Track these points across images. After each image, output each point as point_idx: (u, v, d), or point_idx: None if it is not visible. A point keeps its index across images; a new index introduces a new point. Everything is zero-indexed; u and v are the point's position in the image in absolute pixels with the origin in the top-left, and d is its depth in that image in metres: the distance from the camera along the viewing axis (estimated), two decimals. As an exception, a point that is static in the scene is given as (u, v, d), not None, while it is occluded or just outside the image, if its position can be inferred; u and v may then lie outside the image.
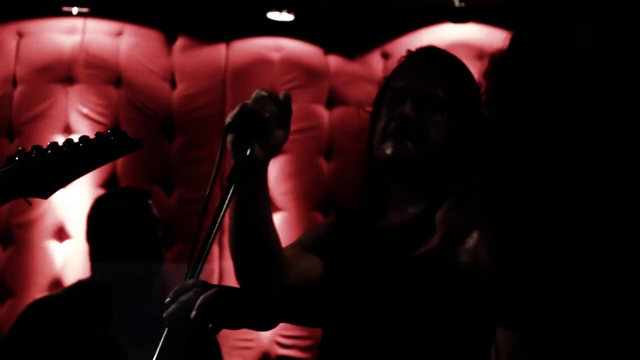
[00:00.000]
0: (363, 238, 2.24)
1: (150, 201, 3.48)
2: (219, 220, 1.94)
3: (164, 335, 1.75)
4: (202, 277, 1.89)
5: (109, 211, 3.44)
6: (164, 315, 1.76)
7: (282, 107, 2.05)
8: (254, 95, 2.05)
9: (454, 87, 2.25)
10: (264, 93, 2.04)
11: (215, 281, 4.60)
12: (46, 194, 1.85)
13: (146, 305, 3.22)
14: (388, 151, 2.19)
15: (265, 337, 4.65)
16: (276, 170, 4.76)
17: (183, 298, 1.77)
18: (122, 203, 3.48)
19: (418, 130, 2.18)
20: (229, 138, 2.01)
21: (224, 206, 1.95)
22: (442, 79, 2.25)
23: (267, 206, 2.12)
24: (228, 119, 2.00)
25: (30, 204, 1.85)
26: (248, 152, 2.00)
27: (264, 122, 2.00)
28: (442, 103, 2.21)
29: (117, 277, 3.27)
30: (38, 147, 1.79)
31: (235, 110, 2.01)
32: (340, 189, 4.68)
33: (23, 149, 1.82)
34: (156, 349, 1.76)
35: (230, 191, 1.97)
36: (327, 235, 2.31)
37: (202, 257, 1.89)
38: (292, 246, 2.27)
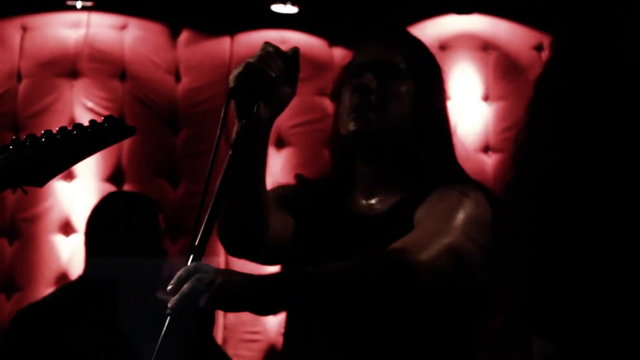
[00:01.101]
0: (332, 218, 2.18)
1: (157, 211, 3.45)
2: (225, 189, 1.86)
3: (166, 326, 1.71)
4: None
5: (114, 213, 3.40)
6: (168, 306, 1.72)
7: (289, 63, 1.96)
8: (259, 51, 1.96)
9: (416, 59, 2.17)
10: (270, 49, 1.96)
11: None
12: (42, 182, 1.81)
13: (151, 302, 3.22)
14: (352, 126, 2.12)
15: (272, 330, 4.65)
16: (281, 162, 4.76)
17: (185, 288, 1.73)
18: (128, 208, 3.45)
19: (380, 100, 2.11)
20: (234, 101, 1.91)
21: (229, 171, 1.86)
22: (402, 51, 2.17)
23: (264, 166, 2.03)
24: (232, 80, 1.90)
25: (26, 192, 1.82)
26: (255, 111, 1.90)
27: (270, 81, 1.91)
28: (403, 73, 2.14)
29: (114, 274, 3.24)
30: (32, 136, 1.77)
31: (239, 69, 1.91)
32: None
33: (17, 138, 1.80)
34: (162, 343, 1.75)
35: (236, 158, 1.88)
36: (295, 199, 2.23)
37: (207, 232, 1.83)
38: None
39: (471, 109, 4.89)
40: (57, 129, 1.79)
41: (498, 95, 4.88)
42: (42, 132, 1.79)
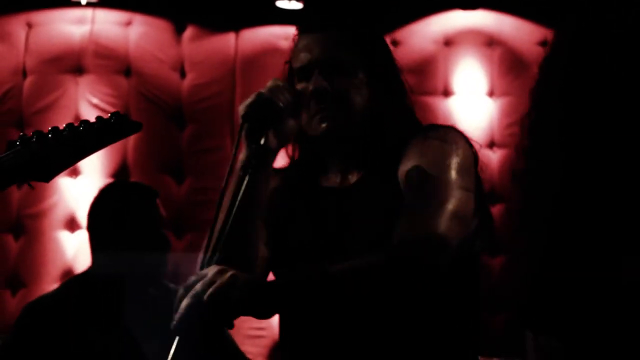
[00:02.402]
0: (302, 196, 2.20)
1: (157, 200, 3.44)
2: (234, 210, 1.93)
3: (175, 344, 1.75)
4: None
5: (115, 204, 3.40)
6: (175, 315, 1.76)
7: (296, 97, 2.06)
8: (269, 84, 2.06)
9: (359, 45, 2.18)
10: (279, 83, 2.06)
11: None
12: (48, 177, 1.86)
13: (153, 296, 3.21)
14: (316, 130, 2.14)
15: (277, 326, 4.65)
16: (284, 159, 4.76)
17: (182, 306, 1.77)
18: (129, 198, 3.44)
19: (338, 98, 2.13)
20: (245, 127, 2.01)
21: (239, 195, 1.96)
22: (344, 41, 2.18)
23: (265, 194, 2.11)
24: (243, 109, 2.01)
25: (32, 187, 1.87)
26: (262, 141, 2.01)
27: (279, 111, 2.01)
28: (351, 66, 2.15)
29: (119, 268, 3.24)
30: (39, 132, 1.81)
31: (250, 99, 2.02)
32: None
33: (24, 134, 1.84)
34: (165, 339, 1.76)
35: (245, 180, 1.98)
36: (269, 199, 2.24)
37: (217, 246, 1.88)
38: None
39: (476, 105, 4.89)
40: (64, 125, 1.82)
41: (503, 90, 4.88)
42: (49, 128, 1.83)
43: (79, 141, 1.84)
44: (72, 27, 4.85)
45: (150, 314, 3.15)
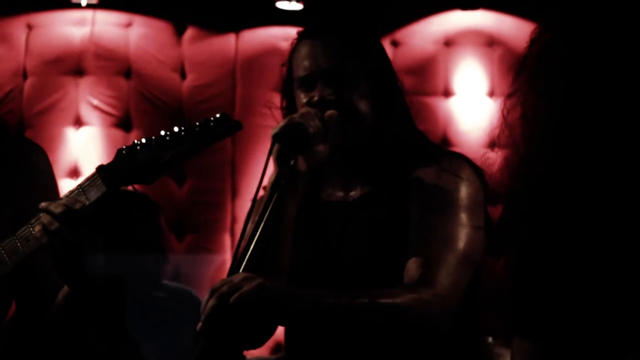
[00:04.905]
0: (303, 209, 2.18)
1: (159, 214, 3.46)
2: (260, 227, 1.95)
3: (200, 335, 1.77)
4: (209, 267, 1.90)
5: (113, 213, 3.40)
6: (201, 311, 1.77)
7: (325, 125, 2.07)
8: (301, 110, 2.09)
9: (360, 54, 2.17)
10: (310, 110, 2.08)
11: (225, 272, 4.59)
12: (151, 180, 2.08)
13: (151, 299, 3.22)
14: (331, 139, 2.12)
15: (279, 327, 4.64)
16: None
17: (218, 294, 1.78)
18: (128, 208, 3.44)
19: (343, 108, 2.12)
20: (275, 148, 2.04)
21: (267, 212, 1.96)
22: (344, 50, 2.17)
23: (293, 217, 2.10)
24: (274, 130, 2.03)
25: (135, 190, 2.15)
26: (291, 163, 2.03)
27: (308, 136, 2.03)
28: (354, 76, 2.15)
29: (115, 271, 3.25)
30: (147, 138, 2.08)
31: (282, 123, 2.04)
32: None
33: (135, 141, 2.10)
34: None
35: (274, 199, 1.99)
36: None
37: (242, 265, 1.89)
38: None
39: (476, 105, 4.89)
40: (166, 131, 2.07)
41: (503, 90, 4.87)
42: (160, 134, 2.08)
43: (180, 146, 2.05)
44: (72, 28, 4.85)
45: (145, 317, 3.16)
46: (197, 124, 2.03)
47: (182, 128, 2.04)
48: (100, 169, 2.12)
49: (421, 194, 2.09)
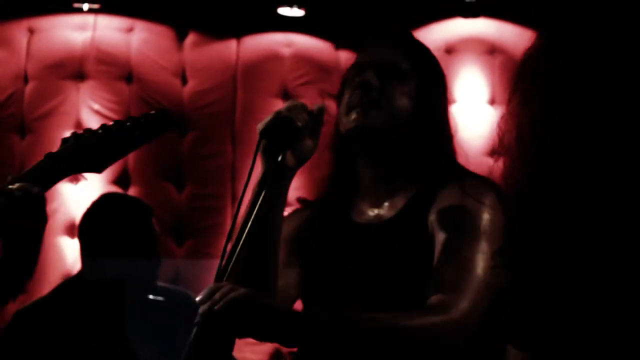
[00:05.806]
0: (339, 233, 2.22)
1: (152, 216, 3.45)
2: (249, 224, 1.96)
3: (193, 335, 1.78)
4: (209, 272, 1.91)
5: (106, 217, 3.40)
6: (199, 312, 1.81)
7: (314, 118, 2.07)
8: (287, 104, 2.08)
9: (419, 62, 2.21)
10: (297, 103, 2.08)
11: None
12: (100, 168, 2.10)
13: (145, 303, 3.22)
14: (352, 122, 2.16)
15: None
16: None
17: (216, 296, 1.83)
18: (121, 212, 3.44)
19: (381, 97, 2.14)
20: (262, 143, 2.04)
21: (254, 210, 1.97)
22: (405, 52, 2.22)
23: (282, 212, 2.13)
24: (260, 125, 2.03)
25: (86, 179, 2.13)
26: (279, 158, 2.03)
27: (296, 130, 2.03)
28: (406, 74, 2.18)
29: (109, 274, 3.25)
30: (89, 129, 2.05)
31: (269, 117, 2.04)
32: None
33: (75, 132, 2.07)
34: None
35: (262, 196, 1.99)
36: (299, 234, 2.29)
37: (231, 260, 1.91)
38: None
39: (477, 113, 4.89)
40: (112, 122, 2.08)
41: (504, 98, 4.87)
42: (101, 124, 2.08)
43: (126, 135, 2.05)
44: (73, 33, 4.85)
45: (139, 321, 3.16)
46: (140, 116, 2.07)
47: (128, 119, 2.07)
48: (47, 156, 2.10)
49: (443, 219, 2.10)
